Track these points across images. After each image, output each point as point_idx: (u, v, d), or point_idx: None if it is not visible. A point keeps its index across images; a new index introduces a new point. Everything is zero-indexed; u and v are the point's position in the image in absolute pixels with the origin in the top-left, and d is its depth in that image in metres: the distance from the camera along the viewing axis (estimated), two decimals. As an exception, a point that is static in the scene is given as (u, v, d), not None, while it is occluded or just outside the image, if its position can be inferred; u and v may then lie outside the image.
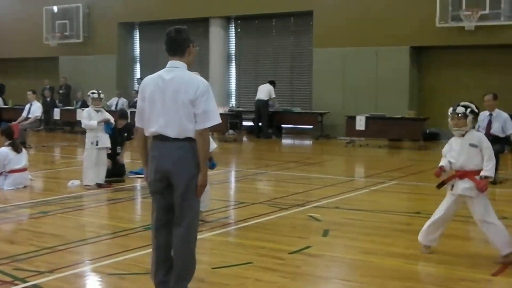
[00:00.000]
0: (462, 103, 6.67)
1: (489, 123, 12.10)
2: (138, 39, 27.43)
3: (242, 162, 16.43)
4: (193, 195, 5.05)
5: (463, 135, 6.60)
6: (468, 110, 6.56)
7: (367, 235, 7.71)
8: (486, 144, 6.53)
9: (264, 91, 21.72)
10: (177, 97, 4.97)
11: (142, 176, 12.07)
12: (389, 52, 20.86)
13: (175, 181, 5.02)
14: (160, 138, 5.06)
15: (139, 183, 11.74)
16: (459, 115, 6.56)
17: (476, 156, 6.53)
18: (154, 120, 5.06)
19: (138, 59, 27.49)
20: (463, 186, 6.62)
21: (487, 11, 18.77)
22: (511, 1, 18.64)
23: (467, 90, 19.92)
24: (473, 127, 6.66)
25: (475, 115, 6.62)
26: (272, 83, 22.05)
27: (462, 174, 6.60)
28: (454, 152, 6.64)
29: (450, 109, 6.67)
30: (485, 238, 8.14)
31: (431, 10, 19.56)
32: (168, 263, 5.18)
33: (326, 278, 6.17)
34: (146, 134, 5.15)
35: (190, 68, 5.23)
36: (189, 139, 5.00)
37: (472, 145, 6.55)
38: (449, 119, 6.67)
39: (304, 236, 7.58)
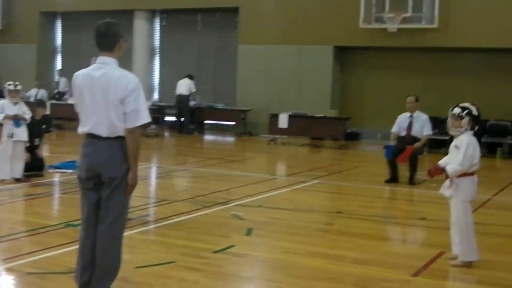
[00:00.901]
0: (461, 104, 6.63)
1: (410, 125, 12.33)
2: (60, 29, 26.79)
3: (164, 158, 16.27)
4: (122, 194, 4.95)
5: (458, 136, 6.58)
6: (465, 111, 6.52)
7: (290, 235, 7.73)
8: (464, 149, 6.40)
9: (184, 86, 21.57)
10: (107, 95, 4.87)
11: (63, 170, 11.94)
12: (312, 51, 21.04)
13: (105, 179, 4.93)
14: (91, 136, 4.96)
15: (58, 177, 11.45)
16: (456, 115, 6.55)
17: (457, 157, 6.47)
18: (85, 119, 4.97)
19: (60, 50, 26.87)
20: (443, 185, 6.66)
21: (409, 14, 19.14)
22: (432, 5, 19.05)
23: (388, 91, 20.39)
24: (471, 129, 6.55)
25: (472, 117, 6.51)
26: (190, 77, 21.92)
27: (431, 172, 6.68)
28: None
29: (450, 109, 6.67)
30: (403, 238, 8.34)
31: (355, 11, 19.82)
32: (94, 263, 5.06)
33: (249, 278, 6.15)
34: (79, 131, 5.03)
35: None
36: (119, 138, 4.91)
37: (456, 146, 6.55)
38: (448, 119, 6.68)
39: (228, 235, 7.54)
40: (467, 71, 19.91)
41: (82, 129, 5.01)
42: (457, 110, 6.55)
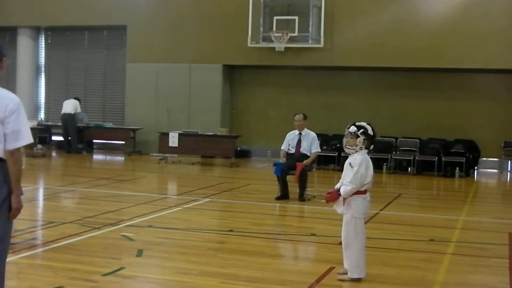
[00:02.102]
0: (357, 123, 6.68)
1: (299, 142, 12.53)
2: None
3: (51, 179, 15.82)
4: (3, 218, 4.73)
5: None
6: (361, 130, 6.59)
7: (181, 254, 7.65)
8: (357, 168, 6.48)
9: (70, 105, 21.13)
10: (-14, 115, 4.65)
11: None
12: (202, 69, 21.09)
13: None
14: None
15: None
16: (352, 134, 6.61)
17: (350, 175, 6.55)
18: None
19: None
20: (336, 202, 6.71)
21: (296, 34, 19.51)
22: (318, 26, 19.52)
23: (277, 109, 20.72)
24: (366, 148, 6.63)
25: (368, 136, 6.59)
26: (77, 99, 21.53)
27: (327, 199, 6.73)
28: None
29: (347, 127, 6.73)
30: (295, 255, 8.42)
31: (243, 30, 20.03)
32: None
33: (140, 300, 6.04)
34: None
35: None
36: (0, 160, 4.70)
37: (350, 164, 6.60)
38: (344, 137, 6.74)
39: (118, 256, 7.37)
40: (352, 89, 20.53)
41: None
42: (353, 129, 6.65)
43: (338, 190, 6.61)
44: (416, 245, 8.66)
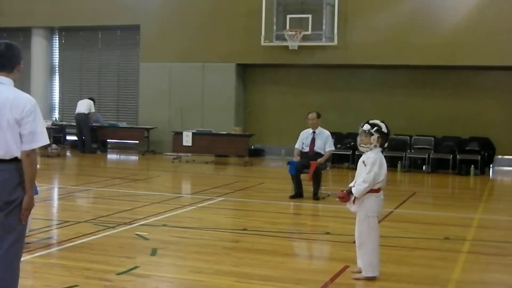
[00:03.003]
0: (371, 121, 6.66)
1: (313, 141, 12.51)
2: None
3: (66, 179, 15.89)
4: (16, 218, 4.75)
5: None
6: (374, 128, 6.58)
7: (195, 254, 7.65)
8: (370, 167, 6.47)
9: (84, 105, 21.17)
10: (2, 116, 4.68)
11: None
12: (215, 68, 21.10)
13: (0, 204, 4.71)
14: None
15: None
16: (365, 132, 6.59)
17: (363, 173, 6.53)
18: None
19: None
20: (350, 200, 6.70)
21: (309, 32, 19.47)
22: (332, 24, 19.47)
23: (290, 108, 20.66)
24: (380, 146, 6.61)
25: (382, 134, 6.58)
26: (91, 99, 21.60)
27: (341, 197, 6.71)
28: None
29: (360, 125, 6.72)
30: (309, 254, 8.41)
31: (256, 29, 20.01)
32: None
33: (155, 299, 6.04)
34: None
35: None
36: (15, 160, 4.72)
37: (363, 162, 6.59)
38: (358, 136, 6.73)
39: (132, 255, 7.39)
40: (366, 87, 20.46)
41: None
42: (366, 127, 6.63)
43: (350, 191, 6.56)
44: (431, 244, 8.62)
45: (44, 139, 4.76)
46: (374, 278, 6.55)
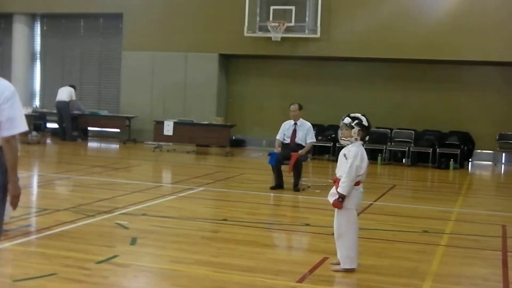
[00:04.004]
0: (352, 114, 6.66)
1: (294, 132, 12.52)
2: None
3: (45, 166, 15.82)
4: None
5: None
6: (355, 122, 6.58)
7: (175, 243, 7.65)
8: (352, 160, 6.47)
9: (65, 93, 21.07)
10: (-20, 103, 4.63)
11: None
12: (198, 58, 21.06)
13: None
14: None
15: None
16: (346, 125, 6.59)
17: (344, 166, 6.54)
18: None
19: None
20: (330, 192, 6.72)
21: (292, 24, 19.47)
22: (315, 16, 19.48)
23: (272, 99, 20.70)
24: (361, 139, 6.61)
25: (362, 127, 6.58)
26: (72, 86, 21.49)
27: (334, 180, 6.70)
28: None
29: (341, 118, 6.71)
30: (288, 245, 8.44)
31: (239, 20, 19.97)
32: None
33: (134, 288, 6.03)
34: None
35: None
36: (-5, 147, 4.69)
37: (344, 155, 6.59)
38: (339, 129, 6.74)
39: (112, 244, 7.38)
40: (348, 80, 20.52)
41: None
42: (347, 120, 6.64)
43: (339, 196, 6.54)
44: (410, 237, 8.68)
45: (23, 126, 4.72)
46: (353, 270, 6.58)
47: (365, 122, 6.64)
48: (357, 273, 6.56)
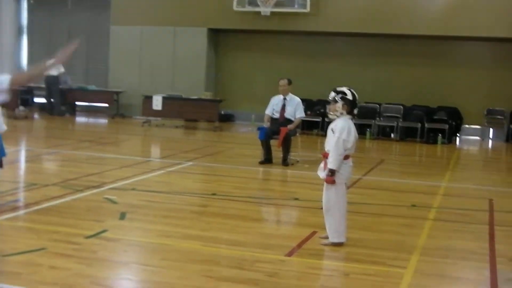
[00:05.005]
0: (337, 88, 6.63)
1: (283, 107, 12.50)
2: None
3: (33, 141, 15.74)
4: None
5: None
6: (339, 95, 6.56)
7: (164, 218, 7.65)
8: (338, 134, 6.46)
9: (53, 66, 20.90)
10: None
11: None
12: (186, 32, 20.94)
13: None
14: None
15: None
16: (331, 99, 6.59)
17: (331, 140, 6.53)
18: None
19: None
20: (319, 167, 6.72)
21: (282, -2, 19.41)
22: (305, -10, 19.41)
23: (261, 74, 20.64)
24: (348, 113, 6.58)
25: (346, 101, 6.54)
26: (60, 60, 21.32)
27: (323, 155, 6.69)
28: None
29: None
30: (277, 219, 8.47)
31: (229, -6, 19.88)
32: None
33: (124, 263, 6.01)
34: None
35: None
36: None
37: (332, 129, 6.58)
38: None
39: (101, 219, 7.37)
40: (337, 55, 20.48)
41: None
42: (332, 94, 6.63)
43: (330, 171, 6.54)
44: (398, 211, 8.72)
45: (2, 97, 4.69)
46: (341, 244, 6.62)
47: (349, 96, 6.60)
48: (345, 247, 6.60)
